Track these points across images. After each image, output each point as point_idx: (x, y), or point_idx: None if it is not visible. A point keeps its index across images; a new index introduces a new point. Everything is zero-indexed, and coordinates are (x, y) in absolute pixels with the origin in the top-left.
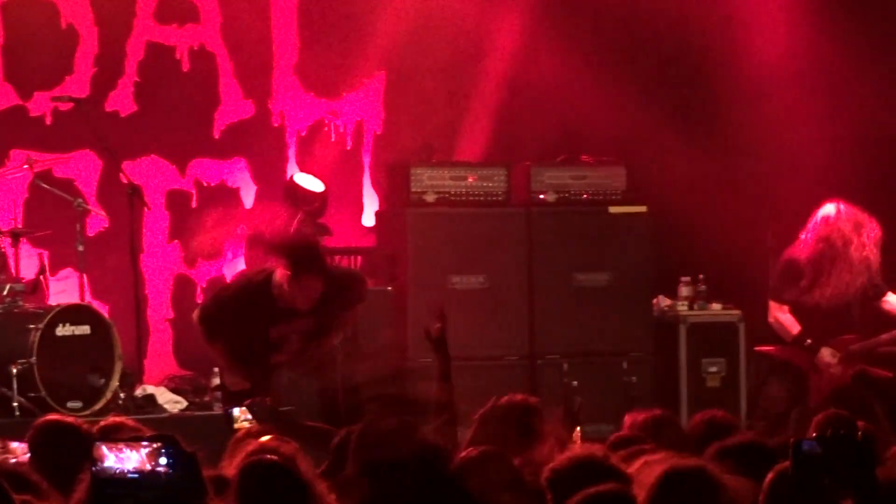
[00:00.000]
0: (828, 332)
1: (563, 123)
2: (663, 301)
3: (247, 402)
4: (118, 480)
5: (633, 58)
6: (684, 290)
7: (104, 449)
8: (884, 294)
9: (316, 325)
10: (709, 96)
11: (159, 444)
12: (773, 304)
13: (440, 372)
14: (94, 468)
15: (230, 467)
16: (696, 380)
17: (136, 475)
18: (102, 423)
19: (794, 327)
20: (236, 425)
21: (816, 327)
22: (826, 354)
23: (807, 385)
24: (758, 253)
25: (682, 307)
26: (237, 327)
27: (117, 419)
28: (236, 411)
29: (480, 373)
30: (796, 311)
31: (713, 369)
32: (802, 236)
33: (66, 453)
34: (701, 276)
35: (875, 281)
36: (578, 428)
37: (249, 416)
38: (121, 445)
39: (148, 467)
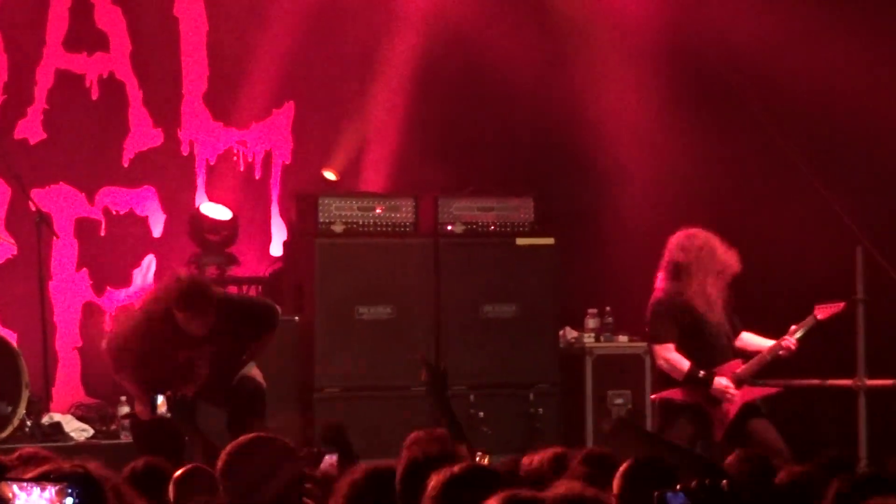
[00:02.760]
0: (713, 363)
1: (470, 154)
2: (570, 333)
3: (168, 392)
4: None
5: (542, 88)
6: (591, 322)
7: (14, 488)
8: (739, 332)
9: (221, 352)
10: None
11: (65, 484)
12: (657, 348)
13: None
14: None
15: None
16: (602, 411)
17: None
18: (19, 453)
19: (683, 364)
20: (158, 412)
21: (703, 359)
22: (721, 382)
23: (709, 420)
24: None
25: (589, 339)
26: (145, 354)
27: (31, 449)
28: (160, 398)
29: (386, 403)
30: (681, 348)
31: (619, 401)
32: (659, 272)
33: None
34: (607, 308)
35: (730, 313)
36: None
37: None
38: (31, 485)
39: None
